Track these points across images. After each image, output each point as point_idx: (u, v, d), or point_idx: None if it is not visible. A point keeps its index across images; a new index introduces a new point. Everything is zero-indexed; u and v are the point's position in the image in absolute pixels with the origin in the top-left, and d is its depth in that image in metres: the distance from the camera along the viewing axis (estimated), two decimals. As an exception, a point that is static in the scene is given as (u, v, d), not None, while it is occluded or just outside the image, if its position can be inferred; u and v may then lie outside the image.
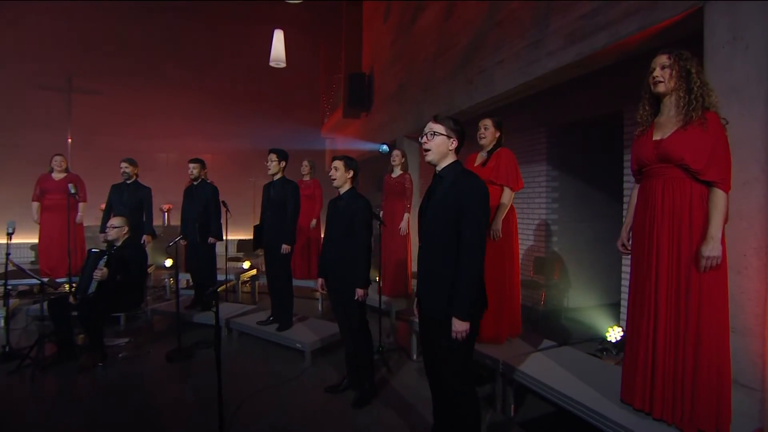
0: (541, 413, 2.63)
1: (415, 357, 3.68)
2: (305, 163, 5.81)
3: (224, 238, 4.92)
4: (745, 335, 1.90)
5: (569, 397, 2.20)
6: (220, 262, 5.10)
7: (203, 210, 4.54)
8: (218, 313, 2.40)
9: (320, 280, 3.00)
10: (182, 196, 4.70)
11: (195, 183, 4.60)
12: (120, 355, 3.72)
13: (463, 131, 2.00)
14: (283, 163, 4.03)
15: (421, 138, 2.02)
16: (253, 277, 5.95)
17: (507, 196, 2.97)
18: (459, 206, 1.84)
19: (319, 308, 5.50)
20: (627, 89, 3.75)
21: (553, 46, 3.10)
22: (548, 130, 4.88)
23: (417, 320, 3.48)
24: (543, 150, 4.94)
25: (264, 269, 4.24)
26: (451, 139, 1.97)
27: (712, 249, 1.77)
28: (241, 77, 10.77)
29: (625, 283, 3.89)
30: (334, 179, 2.83)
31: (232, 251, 7.39)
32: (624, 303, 3.94)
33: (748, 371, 1.90)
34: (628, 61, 2.95)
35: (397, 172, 4.66)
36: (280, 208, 3.94)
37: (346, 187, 2.86)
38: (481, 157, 3.16)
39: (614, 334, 3.62)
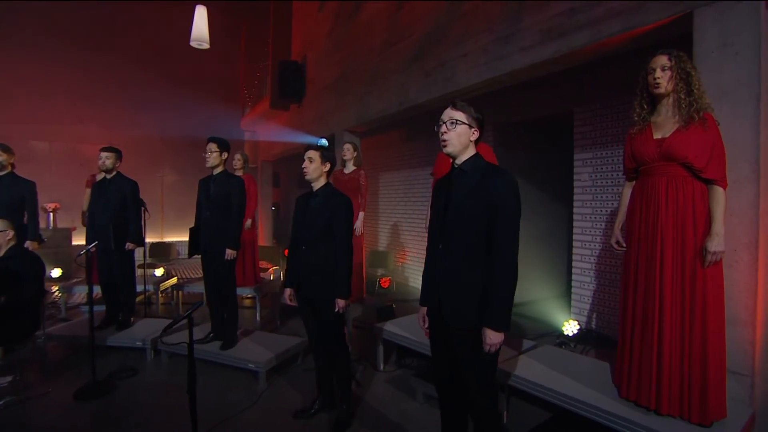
0: (538, 420, 2.55)
1: (382, 367, 3.42)
2: (237, 156, 5.18)
3: (144, 242, 4.14)
4: (737, 325, 2.00)
5: (578, 400, 2.14)
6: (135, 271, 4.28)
7: (119, 210, 3.75)
8: (192, 341, 1.88)
9: (288, 291, 2.59)
10: (82, 192, 3.83)
11: (108, 177, 3.77)
12: (1, 402, 2.79)
13: (484, 119, 1.79)
14: (225, 155, 3.48)
15: (439, 127, 1.78)
16: (175, 287, 5.14)
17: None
18: (490, 205, 1.64)
19: (257, 318, 4.94)
20: (578, 90, 3.92)
21: (527, 42, 3.07)
22: (495, 128, 4.95)
23: (389, 331, 3.22)
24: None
25: (198, 277, 3.63)
26: (473, 129, 1.76)
27: (717, 244, 1.84)
28: (149, 58, 9.37)
29: (577, 276, 4.08)
30: (307, 172, 2.45)
31: (142, 257, 6.36)
32: (574, 296, 4.13)
33: (740, 359, 2.01)
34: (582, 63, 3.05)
35: (350, 167, 4.35)
36: (222, 206, 3.39)
37: (322, 182, 2.49)
38: (457, 152, 3.00)
39: (571, 327, 3.76)
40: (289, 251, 2.62)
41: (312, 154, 2.45)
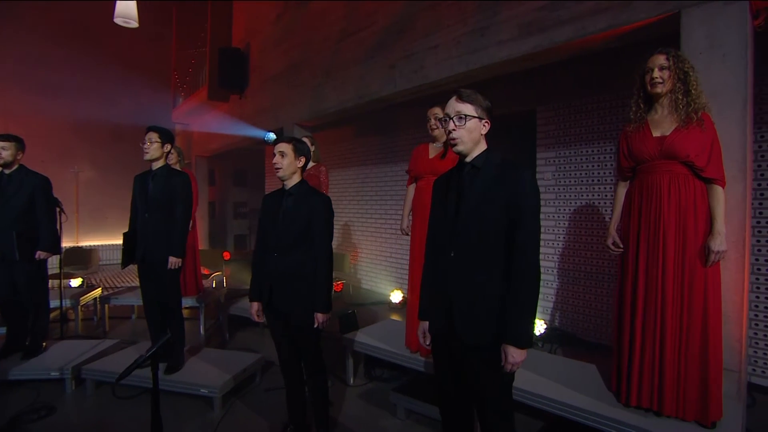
0: (529, 429, 2.44)
1: (352, 381, 3.14)
2: (172, 150, 4.57)
3: (61, 249, 3.47)
4: (726, 322, 2.03)
5: (575, 407, 2.05)
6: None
7: (24, 212, 3.08)
8: (158, 386, 1.48)
9: (255, 305, 2.23)
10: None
11: (7, 172, 3.08)
12: None
13: (492, 107, 1.61)
14: (167, 147, 3.01)
15: (445, 123, 1.57)
16: (101, 299, 4.43)
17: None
18: (511, 205, 1.46)
19: (201, 331, 4.41)
20: (541, 88, 3.94)
21: (504, 36, 2.96)
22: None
23: (361, 342, 2.91)
24: (450, 147, 4.92)
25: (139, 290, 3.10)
26: (483, 121, 1.57)
27: (720, 244, 1.84)
28: (59, 32, 8.08)
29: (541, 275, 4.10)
30: (280, 168, 2.11)
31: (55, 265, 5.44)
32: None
33: (729, 356, 2.03)
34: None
35: (309, 163, 3.99)
36: (164, 207, 2.91)
37: (296, 179, 2.18)
38: (435, 148, 2.82)
39: (538, 327, 3.76)
40: (255, 259, 2.25)
41: (284, 147, 2.12)
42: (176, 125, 9.88)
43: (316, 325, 2.10)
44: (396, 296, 5.32)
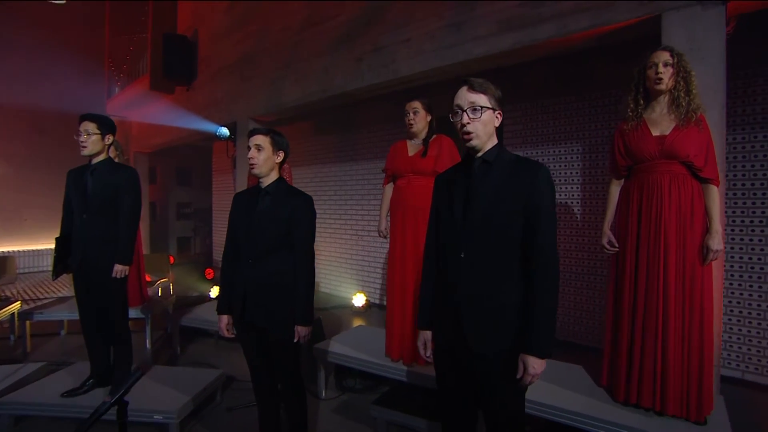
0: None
1: (324, 394, 2.93)
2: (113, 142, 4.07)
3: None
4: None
5: (571, 411, 2.00)
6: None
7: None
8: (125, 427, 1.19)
9: (225, 319, 1.96)
10: None
11: None
12: None
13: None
14: (109, 138, 2.65)
15: (456, 116, 1.43)
16: (21, 314, 3.82)
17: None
18: (528, 204, 1.35)
19: (147, 345, 3.95)
20: (508, 88, 3.92)
21: (481, 31, 2.89)
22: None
23: (337, 353, 2.64)
24: (416, 146, 4.83)
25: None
26: (496, 112, 1.46)
27: (718, 243, 1.88)
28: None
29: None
30: (255, 164, 1.87)
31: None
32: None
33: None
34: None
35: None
36: (106, 206, 2.55)
37: (273, 176, 1.94)
38: (414, 145, 2.69)
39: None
40: (225, 266, 1.98)
41: (260, 140, 1.88)
42: (111, 117, 8.97)
43: (296, 340, 1.88)
44: (359, 300, 5.14)
